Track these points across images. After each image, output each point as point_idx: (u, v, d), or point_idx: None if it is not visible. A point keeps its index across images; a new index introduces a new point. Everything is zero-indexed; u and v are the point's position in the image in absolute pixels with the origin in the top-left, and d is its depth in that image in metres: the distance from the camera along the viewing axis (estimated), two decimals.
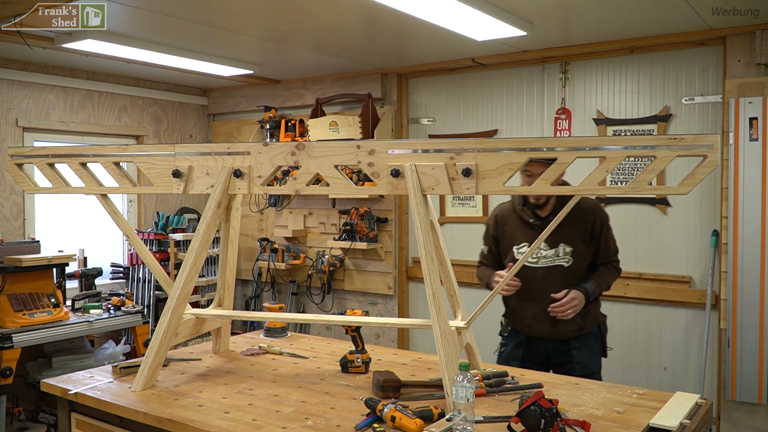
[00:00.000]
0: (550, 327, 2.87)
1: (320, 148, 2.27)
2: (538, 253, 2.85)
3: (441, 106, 4.88)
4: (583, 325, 2.89)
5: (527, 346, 2.97)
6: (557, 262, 2.84)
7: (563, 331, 2.87)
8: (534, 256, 2.86)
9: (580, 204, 2.80)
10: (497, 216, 3.03)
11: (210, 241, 2.40)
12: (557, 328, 2.87)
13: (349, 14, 3.42)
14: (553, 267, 2.84)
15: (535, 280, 2.85)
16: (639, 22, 3.60)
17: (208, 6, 3.28)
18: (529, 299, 2.90)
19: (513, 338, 3.02)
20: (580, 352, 2.89)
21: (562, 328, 2.86)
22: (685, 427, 1.88)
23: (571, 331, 2.88)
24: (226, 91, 5.85)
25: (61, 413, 2.39)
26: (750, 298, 3.57)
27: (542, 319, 2.87)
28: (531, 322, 2.92)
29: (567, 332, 2.88)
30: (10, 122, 4.56)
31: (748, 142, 3.56)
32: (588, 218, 2.85)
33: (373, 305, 5.12)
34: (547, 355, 2.94)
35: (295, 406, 2.10)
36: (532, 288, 2.86)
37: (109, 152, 2.53)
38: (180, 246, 5.20)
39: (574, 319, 2.84)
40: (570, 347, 2.90)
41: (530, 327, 2.93)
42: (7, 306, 3.85)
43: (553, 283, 2.83)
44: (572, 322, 2.85)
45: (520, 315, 2.96)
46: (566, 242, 2.83)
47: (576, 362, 2.87)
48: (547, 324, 2.87)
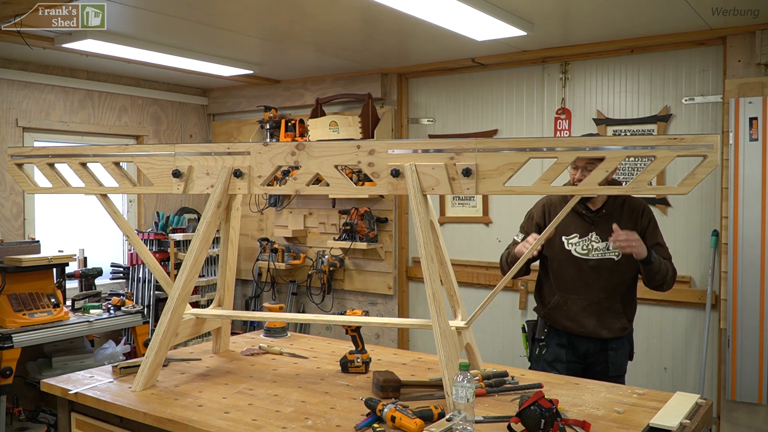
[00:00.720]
0: (597, 323, 2.84)
1: (320, 148, 2.27)
2: (590, 245, 2.83)
3: (441, 106, 4.88)
4: (627, 326, 2.89)
5: (569, 346, 2.92)
6: (608, 255, 2.81)
7: (609, 328, 2.85)
8: (585, 248, 2.84)
9: (630, 200, 2.85)
10: (545, 205, 2.99)
11: (210, 241, 2.40)
12: (604, 324, 2.84)
13: (349, 14, 3.42)
14: (604, 260, 2.82)
15: (584, 272, 2.83)
16: (639, 22, 3.60)
17: (208, 6, 3.28)
18: (575, 292, 2.86)
19: (552, 339, 2.95)
20: (617, 353, 2.88)
21: (608, 325, 2.84)
22: (685, 427, 1.88)
23: (616, 329, 2.85)
24: (226, 91, 5.85)
25: (61, 413, 2.39)
26: (750, 298, 3.58)
27: (589, 314, 2.85)
28: (577, 317, 2.87)
29: (613, 330, 2.85)
30: (10, 122, 4.56)
31: (748, 142, 3.56)
32: (637, 213, 2.84)
33: (373, 305, 5.12)
34: (586, 355, 2.91)
35: (295, 406, 2.10)
36: (580, 280, 2.84)
37: (109, 152, 2.53)
38: (180, 246, 5.20)
39: (618, 318, 2.84)
40: (608, 347, 2.88)
41: (576, 322, 2.87)
42: (7, 306, 3.85)
43: (602, 276, 2.81)
44: (617, 321, 2.85)
45: (564, 309, 2.89)
46: None
47: (611, 363, 2.86)
48: (593, 319, 2.84)
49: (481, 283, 4.65)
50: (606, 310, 2.85)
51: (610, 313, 2.85)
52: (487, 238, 4.69)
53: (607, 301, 2.84)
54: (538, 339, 2.99)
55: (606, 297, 2.84)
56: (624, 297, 2.88)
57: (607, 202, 2.84)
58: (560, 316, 2.92)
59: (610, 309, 2.85)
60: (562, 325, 2.92)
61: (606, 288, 2.83)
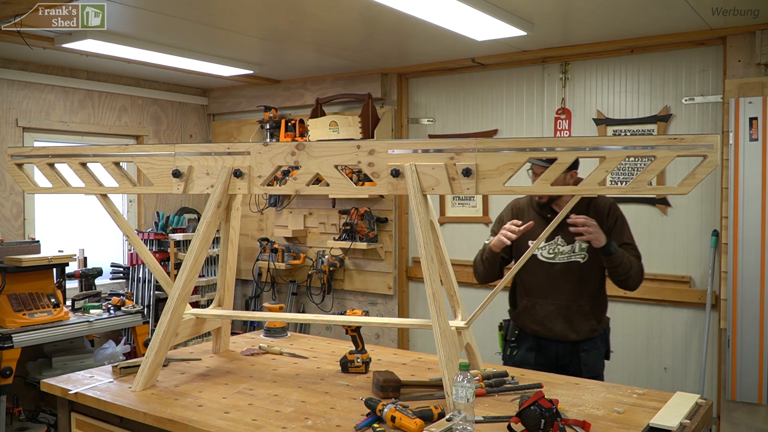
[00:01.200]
0: (565, 326, 2.83)
1: (320, 148, 2.27)
2: (555, 248, 2.83)
3: (441, 106, 4.88)
4: (596, 327, 2.87)
5: (538, 350, 2.91)
6: (573, 258, 2.81)
7: (578, 331, 2.83)
8: (551, 252, 2.84)
9: (596, 201, 2.84)
10: (513, 208, 2.99)
11: (210, 241, 2.40)
12: (572, 327, 2.83)
13: (349, 14, 3.42)
14: (570, 263, 2.81)
15: (552, 276, 2.83)
16: (639, 22, 3.60)
17: (208, 6, 3.28)
18: (543, 296, 2.86)
19: (523, 342, 2.95)
20: (589, 355, 2.86)
21: (577, 328, 2.83)
22: (685, 427, 1.88)
23: (585, 331, 2.84)
24: (226, 91, 5.85)
25: (61, 413, 2.39)
26: (750, 298, 3.57)
27: (557, 317, 2.84)
28: (545, 321, 2.87)
29: (581, 332, 2.84)
30: (10, 122, 4.56)
31: (748, 142, 3.56)
32: (603, 214, 2.83)
33: (373, 305, 5.12)
34: (557, 357, 2.89)
35: (295, 406, 2.10)
36: (547, 284, 2.84)
37: (109, 152, 2.53)
38: (180, 246, 5.20)
39: (588, 319, 2.83)
40: (579, 349, 2.86)
41: (543, 326, 2.87)
42: (7, 306, 3.84)
43: (569, 279, 2.81)
44: (586, 323, 2.83)
45: (532, 313, 2.90)
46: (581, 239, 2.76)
47: (584, 364, 2.84)
48: (561, 323, 2.84)
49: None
50: (574, 312, 2.83)
51: (579, 315, 2.83)
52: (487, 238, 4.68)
53: (575, 304, 2.83)
54: (509, 340, 3.00)
55: (574, 300, 2.83)
56: (592, 298, 2.86)
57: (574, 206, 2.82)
58: (528, 320, 2.93)
59: (579, 311, 2.83)
60: (530, 328, 2.92)
61: (573, 291, 2.82)
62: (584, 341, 2.86)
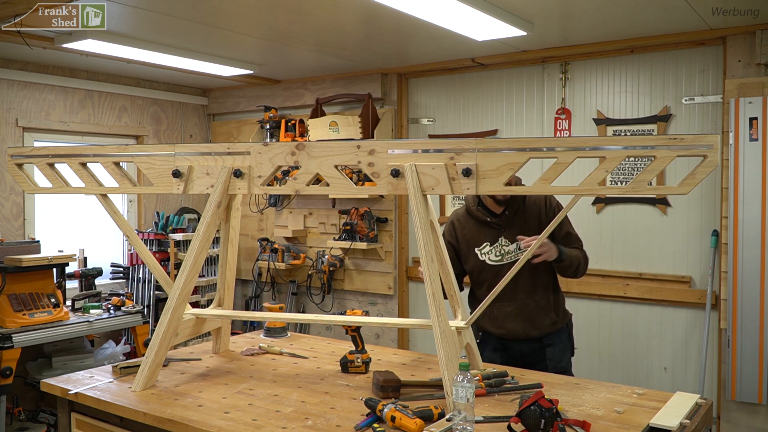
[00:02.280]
0: (525, 324, 2.87)
1: (320, 148, 2.27)
2: (501, 249, 2.85)
3: (441, 106, 4.88)
4: (557, 319, 2.91)
5: (503, 350, 2.95)
6: (520, 256, 2.77)
7: (539, 327, 2.87)
8: (497, 254, 2.85)
9: (530, 196, 2.86)
10: (453, 222, 3.00)
11: (210, 241, 2.40)
12: (533, 324, 2.87)
13: (349, 14, 3.42)
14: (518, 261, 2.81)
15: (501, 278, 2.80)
16: (639, 22, 3.60)
17: (208, 6, 3.28)
18: (498, 299, 2.77)
19: (487, 343, 2.96)
20: (554, 349, 2.90)
21: (537, 324, 2.87)
22: (685, 427, 1.88)
23: (546, 326, 2.88)
24: (226, 91, 5.85)
25: (61, 413, 2.39)
26: (750, 298, 3.57)
27: (516, 317, 2.87)
28: (505, 323, 2.89)
29: (542, 327, 2.88)
30: (10, 122, 4.56)
31: (748, 142, 3.56)
32: (539, 207, 2.85)
33: (373, 305, 5.12)
34: (522, 355, 2.92)
35: (295, 406, 2.10)
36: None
37: (109, 152, 2.53)
38: (180, 246, 5.20)
39: (547, 313, 2.87)
40: (543, 345, 2.90)
41: (505, 328, 2.90)
42: (7, 306, 3.85)
43: (522, 277, 2.78)
44: (546, 317, 2.87)
45: (491, 317, 2.91)
46: (527, 234, 2.78)
47: (549, 359, 2.88)
48: (521, 322, 2.87)
49: None
50: (532, 309, 2.86)
51: (537, 311, 2.86)
52: None
53: (532, 301, 2.86)
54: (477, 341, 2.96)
55: (530, 297, 2.86)
56: (547, 292, 2.89)
57: (509, 204, 2.84)
58: (488, 323, 2.94)
59: (537, 307, 2.86)
60: (492, 331, 2.94)
61: (528, 288, 2.85)
62: (548, 336, 2.90)
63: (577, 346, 3.11)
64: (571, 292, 4.26)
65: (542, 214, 2.84)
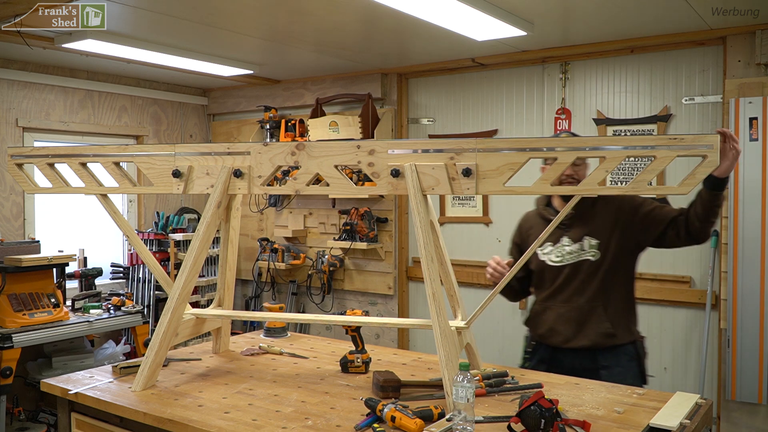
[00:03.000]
0: (575, 329, 2.63)
1: (320, 148, 2.27)
2: (562, 250, 2.67)
3: (441, 106, 4.88)
4: (612, 332, 2.60)
5: (551, 362, 2.69)
6: (583, 256, 2.63)
7: (589, 335, 2.60)
8: (558, 255, 2.68)
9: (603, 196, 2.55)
10: (521, 223, 2.90)
11: (210, 241, 2.40)
12: (583, 331, 2.61)
13: (349, 14, 3.42)
14: (580, 263, 2.64)
15: (562, 280, 2.67)
16: (639, 22, 3.60)
17: (208, 6, 3.28)
18: (554, 300, 2.69)
19: (538, 353, 2.77)
20: (610, 372, 2.56)
21: (588, 331, 2.60)
22: (685, 427, 1.88)
23: (597, 336, 2.59)
24: (226, 91, 5.85)
25: (61, 413, 2.39)
26: (750, 298, 3.58)
27: (567, 320, 2.65)
28: (554, 324, 2.68)
29: (593, 336, 2.59)
30: (10, 122, 4.56)
31: (748, 142, 3.56)
32: (614, 204, 2.64)
33: (373, 305, 5.12)
34: (573, 371, 2.55)
35: (295, 406, 2.10)
36: (558, 288, 2.68)
37: (109, 152, 2.53)
38: (180, 246, 5.20)
39: (600, 321, 2.60)
40: (598, 365, 2.60)
41: (552, 330, 2.68)
42: (7, 306, 3.85)
43: (579, 278, 2.63)
44: (598, 326, 2.60)
45: (542, 318, 2.73)
46: (591, 234, 2.63)
47: None
48: (571, 326, 2.63)
49: (481, 283, 4.65)
50: (586, 313, 2.63)
51: (591, 316, 2.62)
52: (487, 238, 4.69)
53: (587, 304, 2.63)
54: (526, 351, 2.84)
55: (585, 300, 2.63)
56: (607, 298, 2.63)
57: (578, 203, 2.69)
58: (536, 325, 2.78)
59: (591, 311, 2.62)
60: (537, 333, 2.76)
61: (583, 290, 2.64)
62: (603, 354, 2.60)
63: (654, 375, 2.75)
64: None
65: (615, 210, 2.63)
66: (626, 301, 2.71)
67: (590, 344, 2.61)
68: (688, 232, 2.51)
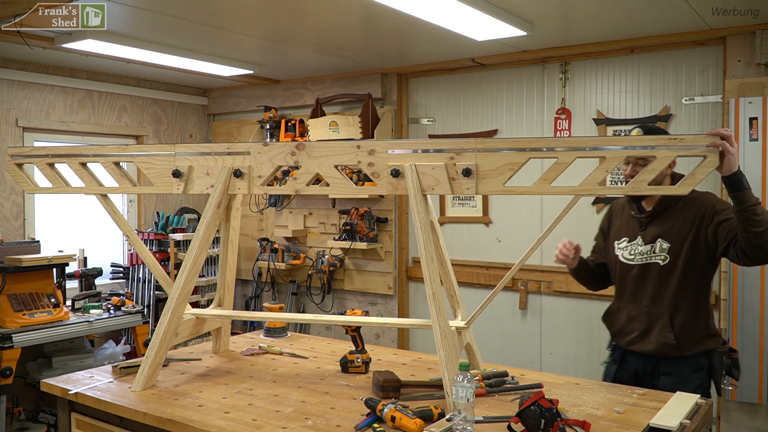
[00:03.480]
0: (640, 333, 2.58)
1: (320, 148, 2.27)
2: (635, 248, 2.61)
3: (441, 106, 4.88)
4: (675, 343, 2.51)
5: (621, 362, 2.68)
6: (653, 259, 2.55)
7: (652, 341, 2.55)
8: (631, 253, 2.62)
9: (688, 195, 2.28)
10: (611, 208, 2.83)
11: (210, 241, 2.40)
12: (647, 335, 2.57)
13: (349, 14, 3.42)
14: (648, 265, 2.57)
15: (632, 279, 2.62)
16: (639, 22, 3.60)
17: (208, 6, 3.28)
18: (626, 300, 2.66)
19: (613, 352, 2.76)
20: (669, 380, 2.49)
21: (651, 338, 2.55)
22: (685, 427, 1.88)
23: (658, 344, 2.53)
24: (226, 91, 5.85)
25: (61, 413, 2.39)
26: (750, 298, 3.57)
27: (635, 322, 2.61)
28: (624, 325, 2.66)
29: (654, 343, 2.54)
30: (10, 122, 4.56)
31: (748, 142, 3.56)
32: (695, 207, 2.49)
33: (373, 305, 5.12)
34: (636, 373, 2.61)
35: (295, 406, 2.10)
36: (628, 287, 2.65)
37: (109, 152, 2.53)
38: (180, 246, 5.20)
39: (664, 331, 2.52)
40: (660, 371, 2.55)
41: (622, 330, 2.66)
42: (7, 306, 3.85)
43: (648, 283, 2.56)
44: (663, 334, 2.52)
45: (616, 316, 2.71)
46: (665, 238, 2.53)
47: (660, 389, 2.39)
48: (638, 328, 2.59)
49: (481, 283, 4.65)
50: (653, 319, 2.55)
51: (657, 323, 2.54)
52: (487, 238, 4.69)
53: (655, 310, 2.55)
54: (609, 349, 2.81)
55: (653, 305, 2.56)
56: (674, 306, 2.52)
57: (660, 201, 2.55)
58: (610, 323, 2.76)
59: (657, 319, 2.54)
60: (611, 333, 2.75)
61: (652, 295, 2.56)
62: (665, 361, 2.54)
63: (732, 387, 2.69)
64: (570, 291, 4.26)
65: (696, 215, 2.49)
66: (697, 311, 2.55)
67: (653, 351, 2.56)
68: (743, 250, 2.31)
